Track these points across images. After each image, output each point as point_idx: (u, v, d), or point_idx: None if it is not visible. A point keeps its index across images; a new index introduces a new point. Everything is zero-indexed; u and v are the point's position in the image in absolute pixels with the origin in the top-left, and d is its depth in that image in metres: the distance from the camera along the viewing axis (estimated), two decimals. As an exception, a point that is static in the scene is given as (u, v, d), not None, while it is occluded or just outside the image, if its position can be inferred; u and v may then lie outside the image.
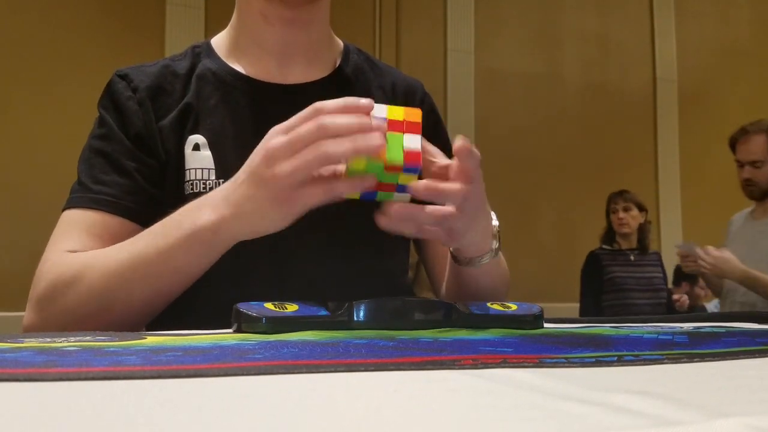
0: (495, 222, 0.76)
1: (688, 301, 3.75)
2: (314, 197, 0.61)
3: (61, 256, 0.74)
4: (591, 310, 3.32)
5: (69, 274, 0.72)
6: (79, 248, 0.75)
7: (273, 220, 0.63)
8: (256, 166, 0.62)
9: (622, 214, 3.43)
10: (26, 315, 0.75)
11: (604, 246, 3.49)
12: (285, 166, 0.59)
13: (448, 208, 0.63)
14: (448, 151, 0.96)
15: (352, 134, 0.58)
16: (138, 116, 0.81)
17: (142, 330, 0.77)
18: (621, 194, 3.50)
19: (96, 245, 0.75)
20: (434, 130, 0.92)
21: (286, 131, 0.61)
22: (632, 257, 3.41)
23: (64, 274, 0.72)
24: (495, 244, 0.76)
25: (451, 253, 0.77)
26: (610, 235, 3.48)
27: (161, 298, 0.72)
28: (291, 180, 0.60)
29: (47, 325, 0.72)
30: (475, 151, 0.64)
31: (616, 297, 3.31)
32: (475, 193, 0.65)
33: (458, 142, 0.63)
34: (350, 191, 0.61)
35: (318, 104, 0.60)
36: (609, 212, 3.51)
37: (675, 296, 3.72)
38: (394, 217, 0.61)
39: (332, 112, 0.59)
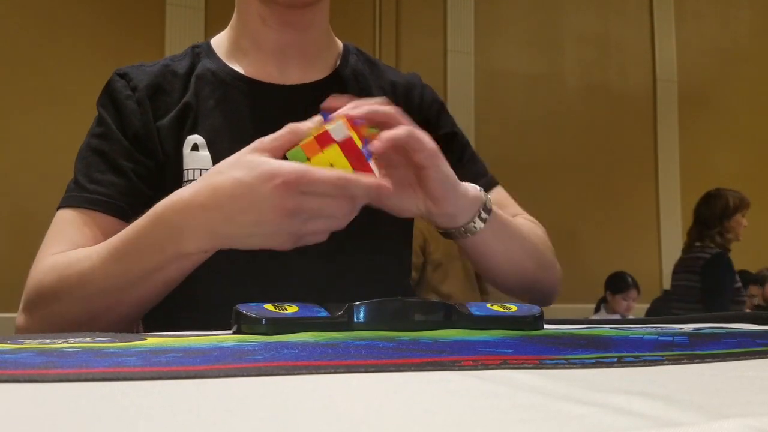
0: (481, 191, 0.76)
1: None
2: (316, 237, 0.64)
3: (51, 259, 0.74)
4: (727, 308, 2.79)
5: (56, 282, 0.72)
6: (72, 250, 0.75)
7: (269, 244, 0.65)
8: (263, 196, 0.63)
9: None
10: (18, 316, 0.75)
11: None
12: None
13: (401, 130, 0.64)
14: (456, 136, 0.97)
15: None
16: (136, 115, 0.81)
17: (135, 326, 0.78)
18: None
19: (89, 246, 0.75)
20: (437, 119, 0.93)
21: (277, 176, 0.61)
22: None
23: (51, 280, 0.72)
24: (483, 203, 0.75)
25: (444, 233, 0.77)
26: (725, 239, 3.01)
27: (149, 304, 0.72)
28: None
29: (36, 328, 0.73)
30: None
31: (737, 310, 2.90)
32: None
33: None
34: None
35: (305, 176, 0.60)
36: (733, 214, 3.00)
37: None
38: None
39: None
